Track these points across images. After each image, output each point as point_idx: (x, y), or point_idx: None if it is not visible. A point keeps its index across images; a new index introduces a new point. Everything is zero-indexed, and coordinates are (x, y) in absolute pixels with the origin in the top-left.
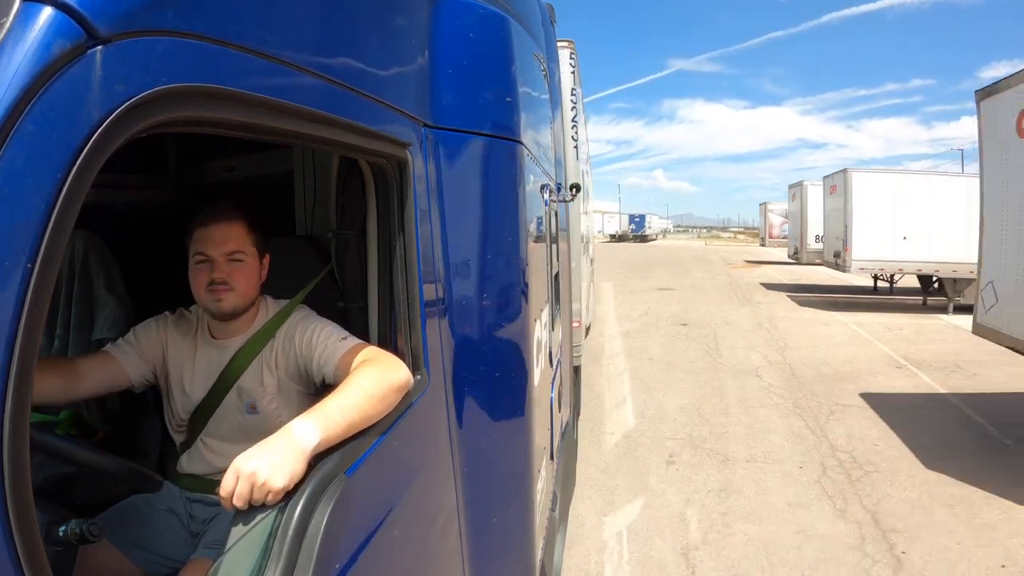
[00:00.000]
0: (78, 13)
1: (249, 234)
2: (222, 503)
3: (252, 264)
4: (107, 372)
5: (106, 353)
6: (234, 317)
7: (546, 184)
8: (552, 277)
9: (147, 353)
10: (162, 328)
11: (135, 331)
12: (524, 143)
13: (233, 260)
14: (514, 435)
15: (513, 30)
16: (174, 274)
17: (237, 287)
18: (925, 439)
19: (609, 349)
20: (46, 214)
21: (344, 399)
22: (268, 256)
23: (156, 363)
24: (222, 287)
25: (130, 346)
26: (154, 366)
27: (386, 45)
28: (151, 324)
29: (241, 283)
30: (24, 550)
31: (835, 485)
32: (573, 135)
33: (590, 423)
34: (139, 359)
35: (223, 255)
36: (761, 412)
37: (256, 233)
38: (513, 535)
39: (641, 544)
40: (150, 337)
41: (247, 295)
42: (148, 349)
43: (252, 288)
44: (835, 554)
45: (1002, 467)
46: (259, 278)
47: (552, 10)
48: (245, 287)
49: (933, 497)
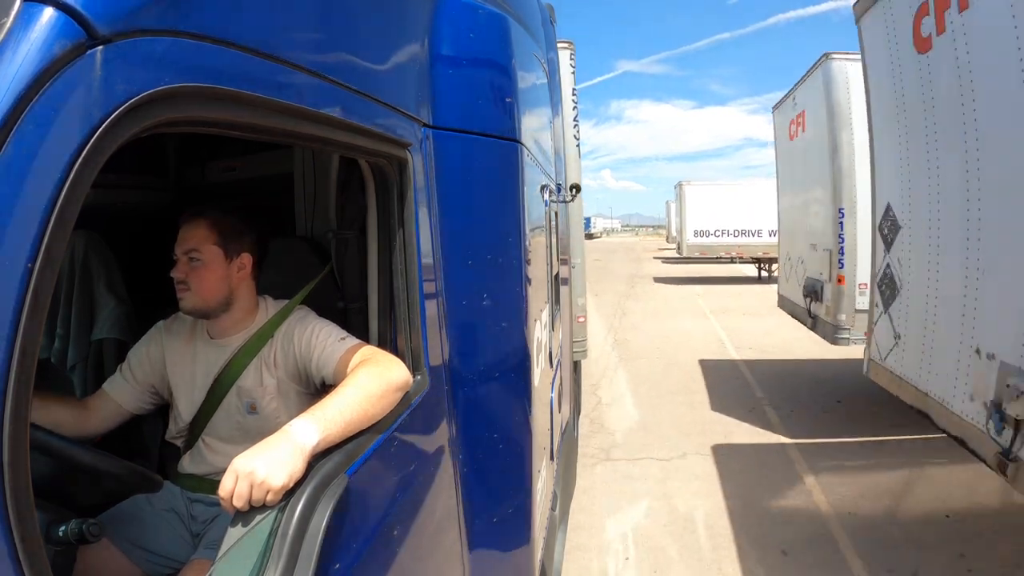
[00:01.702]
0: (78, 13)
1: (211, 234)
2: (222, 504)
3: (213, 265)
4: (108, 410)
5: (103, 392)
6: (201, 316)
7: (546, 184)
8: (552, 277)
9: (143, 378)
10: (156, 342)
11: (129, 358)
12: (524, 143)
13: (192, 260)
14: (514, 435)
15: (513, 30)
16: None
17: (193, 287)
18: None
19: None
20: (46, 214)
21: (343, 398)
22: (248, 255)
23: (156, 382)
24: (181, 286)
25: (124, 379)
26: (153, 387)
27: (386, 45)
28: (142, 346)
29: (196, 283)
30: (24, 550)
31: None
32: (575, 135)
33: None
34: (134, 389)
35: (184, 254)
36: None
37: (224, 232)
38: (513, 535)
39: None
40: (143, 361)
41: (206, 296)
42: (143, 373)
43: (212, 290)
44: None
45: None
46: (225, 279)
47: (552, 10)
48: (200, 287)
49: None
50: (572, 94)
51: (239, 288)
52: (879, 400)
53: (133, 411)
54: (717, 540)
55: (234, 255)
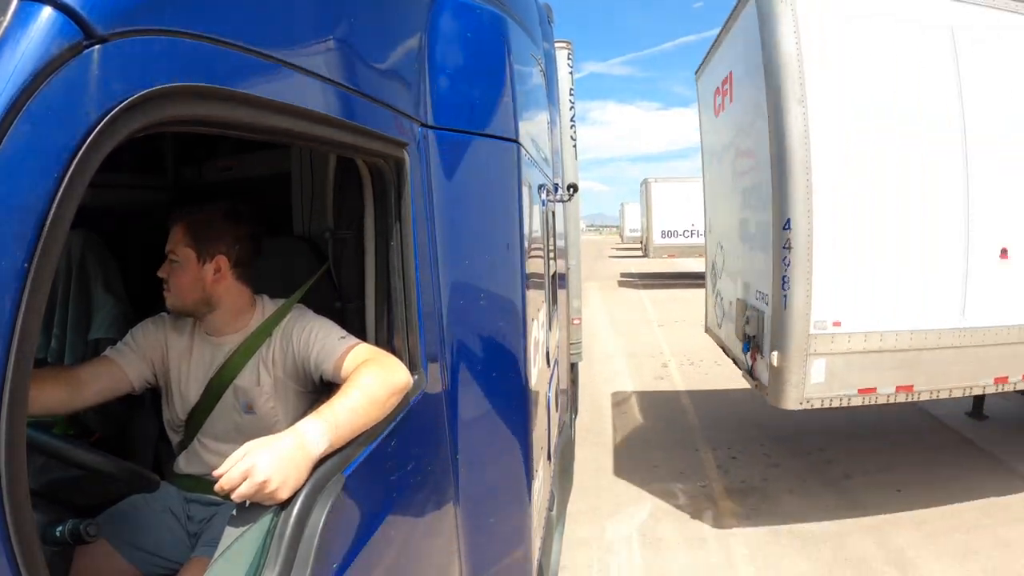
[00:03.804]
0: (76, 12)
1: (185, 236)
2: (216, 487)
3: (188, 267)
4: (108, 377)
5: (105, 357)
6: (183, 314)
7: (543, 184)
8: (549, 277)
9: (147, 353)
10: (160, 328)
11: (132, 333)
12: (521, 143)
13: (171, 260)
14: (511, 435)
15: (511, 30)
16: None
17: (172, 287)
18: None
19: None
20: (43, 214)
21: (351, 402)
22: (223, 258)
23: (156, 363)
24: (165, 285)
25: (129, 348)
26: (154, 366)
27: (384, 45)
28: (148, 325)
29: (173, 283)
30: (21, 550)
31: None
32: (572, 135)
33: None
34: (139, 360)
35: (166, 254)
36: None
37: (197, 235)
38: (510, 535)
39: None
40: (148, 337)
41: (183, 297)
42: (147, 349)
43: (186, 291)
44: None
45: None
46: (198, 281)
47: (550, 10)
48: (178, 288)
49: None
50: (570, 94)
51: (216, 290)
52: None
53: (134, 382)
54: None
55: (207, 258)
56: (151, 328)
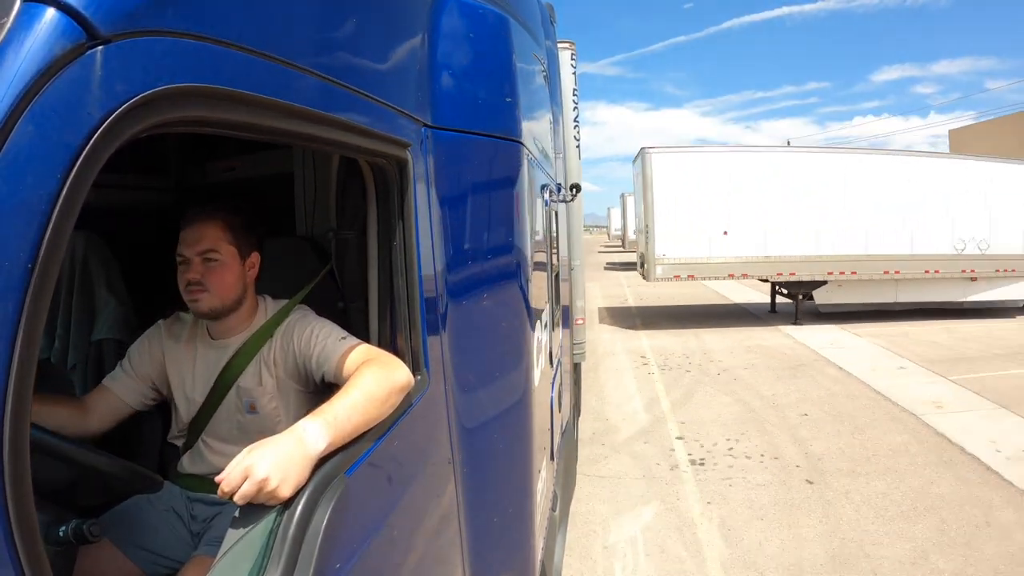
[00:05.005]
0: (78, 13)
1: (226, 232)
2: (219, 492)
3: (230, 264)
4: (108, 406)
5: (103, 387)
6: (215, 318)
7: (546, 184)
8: (552, 277)
9: (144, 372)
10: (156, 340)
11: (129, 354)
12: (524, 143)
13: (207, 260)
14: (514, 435)
15: (513, 30)
16: (174, 275)
17: (211, 288)
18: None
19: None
20: (46, 215)
21: (351, 402)
22: (256, 254)
23: (155, 378)
24: (197, 288)
25: (124, 373)
26: (153, 382)
27: (386, 45)
28: (143, 341)
29: (215, 283)
30: (24, 550)
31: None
32: (576, 135)
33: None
34: (135, 383)
35: (197, 255)
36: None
37: (236, 231)
38: (513, 536)
39: None
40: (143, 355)
41: (224, 296)
42: (144, 368)
43: (230, 289)
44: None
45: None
46: (241, 278)
47: (552, 10)
48: (220, 287)
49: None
50: (573, 94)
51: (250, 287)
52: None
53: (134, 406)
54: None
55: (247, 254)
56: (146, 345)
